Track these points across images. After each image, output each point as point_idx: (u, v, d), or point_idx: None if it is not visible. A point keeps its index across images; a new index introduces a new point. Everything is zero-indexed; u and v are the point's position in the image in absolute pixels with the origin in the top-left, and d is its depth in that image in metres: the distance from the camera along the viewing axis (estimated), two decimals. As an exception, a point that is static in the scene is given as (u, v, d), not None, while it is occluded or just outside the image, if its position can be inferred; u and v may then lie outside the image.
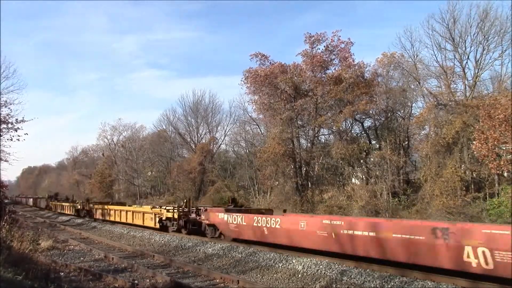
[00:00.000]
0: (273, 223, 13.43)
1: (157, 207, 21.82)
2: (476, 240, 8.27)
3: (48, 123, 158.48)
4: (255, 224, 14.16)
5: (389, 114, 30.16)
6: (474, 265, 8.31)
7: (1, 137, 22.85)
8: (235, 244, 14.84)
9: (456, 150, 23.47)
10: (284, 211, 18.34)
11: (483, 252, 8.13)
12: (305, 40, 29.97)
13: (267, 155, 29.59)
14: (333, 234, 11.24)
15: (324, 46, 29.83)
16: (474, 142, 20.63)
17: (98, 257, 14.23)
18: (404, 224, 10.48)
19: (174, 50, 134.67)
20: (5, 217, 13.82)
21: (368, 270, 10.21)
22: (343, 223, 11.13)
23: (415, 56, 28.00)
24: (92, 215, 29.76)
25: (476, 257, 8.23)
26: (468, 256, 8.37)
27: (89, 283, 9.96)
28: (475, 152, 20.84)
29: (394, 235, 9.77)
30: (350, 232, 10.79)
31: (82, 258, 13.97)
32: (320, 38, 29.71)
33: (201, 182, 42.02)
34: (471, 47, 25.03)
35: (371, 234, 10.27)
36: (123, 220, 24.10)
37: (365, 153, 30.16)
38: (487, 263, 8.10)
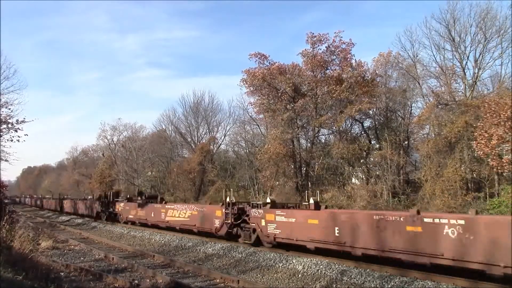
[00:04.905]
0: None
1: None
2: None
3: (48, 123, 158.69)
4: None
5: (389, 114, 30.09)
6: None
7: (1, 138, 22.80)
8: (235, 244, 14.86)
9: (457, 149, 23.42)
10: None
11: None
12: (307, 39, 29.84)
13: (268, 155, 29.48)
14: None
15: (326, 47, 29.73)
16: (474, 141, 20.53)
17: (98, 257, 14.23)
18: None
19: (175, 49, 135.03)
20: (5, 217, 13.80)
21: (368, 270, 10.20)
22: None
23: (415, 56, 27.98)
24: None
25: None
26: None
27: (89, 283, 9.95)
28: (476, 151, 20.77)
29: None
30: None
31: (82, 258, 13.97)
32: (322, 39, 29.58)
33: (201, 182, 41.90)
34: (471, 47, 25.06)
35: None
36: None
37: (365, 153, 30.10)
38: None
